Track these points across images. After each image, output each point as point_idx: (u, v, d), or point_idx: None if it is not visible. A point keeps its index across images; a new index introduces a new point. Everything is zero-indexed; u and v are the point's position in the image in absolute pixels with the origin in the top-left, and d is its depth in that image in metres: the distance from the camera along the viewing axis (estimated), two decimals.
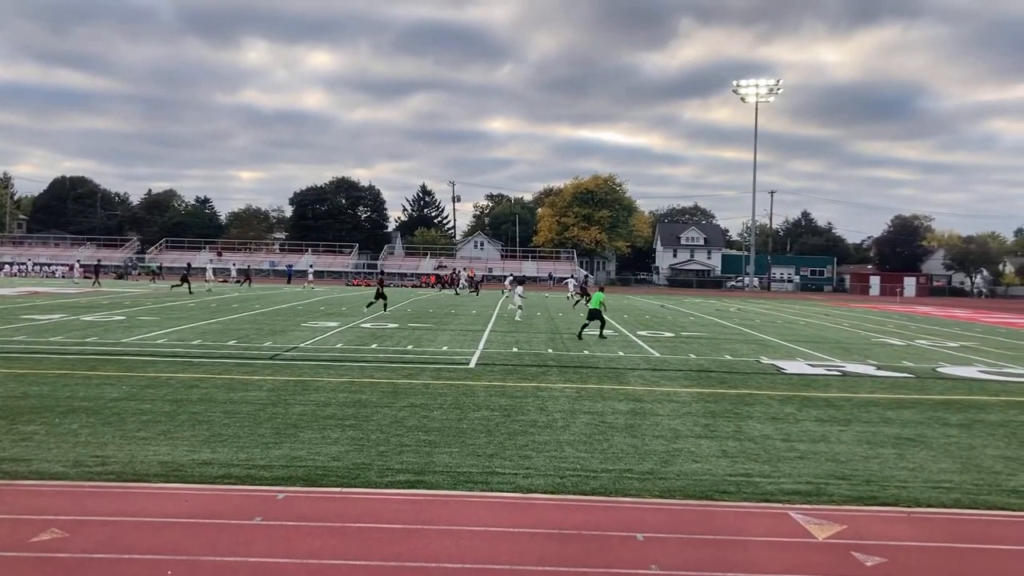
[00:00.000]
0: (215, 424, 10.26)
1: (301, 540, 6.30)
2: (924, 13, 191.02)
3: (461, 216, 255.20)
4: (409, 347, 19.80)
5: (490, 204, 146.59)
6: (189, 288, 44.07)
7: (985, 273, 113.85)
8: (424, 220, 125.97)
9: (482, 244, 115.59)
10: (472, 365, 16.82)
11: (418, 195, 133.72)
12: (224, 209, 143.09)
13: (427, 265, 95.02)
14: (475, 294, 53.50)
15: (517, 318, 30.22)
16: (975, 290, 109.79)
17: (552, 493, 7.70)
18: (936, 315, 46.46)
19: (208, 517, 6.77)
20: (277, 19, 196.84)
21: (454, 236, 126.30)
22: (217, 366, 15.54)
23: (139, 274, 59.86)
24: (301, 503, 7.23)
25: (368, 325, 25.95)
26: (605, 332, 24.03)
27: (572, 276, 64.27)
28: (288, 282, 68.69)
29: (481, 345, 20.79)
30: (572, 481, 8.11)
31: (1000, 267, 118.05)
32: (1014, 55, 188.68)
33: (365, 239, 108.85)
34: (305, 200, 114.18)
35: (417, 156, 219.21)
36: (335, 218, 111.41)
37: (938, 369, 18.73)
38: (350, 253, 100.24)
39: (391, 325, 26.19)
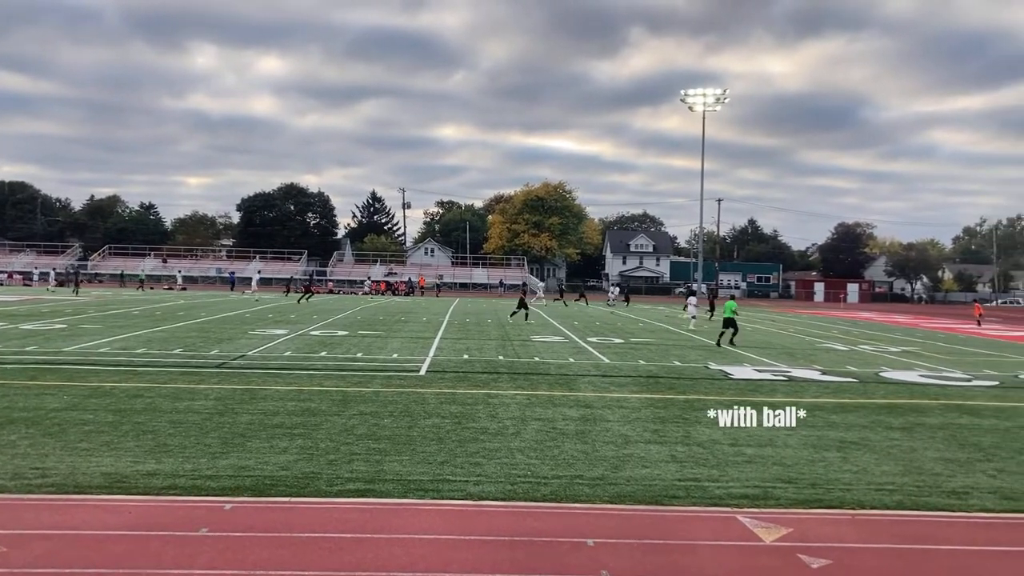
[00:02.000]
0: (160, 434, 10.06)
1: (249, 551, 6.21)
2: (867, 26, 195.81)
3: (411, 223, 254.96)
4: (359, 355, 19.65)
5: (441, 211, 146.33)
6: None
7: (925, 279, 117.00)
8: (374, 227, 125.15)
9: (433, 251, 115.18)
10: (423, 372, 16.74)
11: (368, 202, 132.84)
12: (170, 215, 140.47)
13: (377, 272, 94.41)
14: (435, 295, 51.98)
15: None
16: (915, 296, 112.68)
17: (503, 500, 7.70)
18: (878, 320, 47.52)
19: (153, 529, 6.63)
20: (226, 24, 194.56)
21: (404, 243, 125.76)
22: (162, 375, 15.25)
23: (80, 282, 58.54)
24: (249, 513, 7.13)
25: (317, 333, 25.69)
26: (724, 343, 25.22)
27: (615, 285, 66.66)
28: (231, 288, 67.83)
29: (432, 352, 20.71)
30: (523, 488, 8.12)
31: (939, 273, 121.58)
32: (952, 68, 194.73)
33: (314, 246, 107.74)
34: (253, 206, 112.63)
35: (367, 163, 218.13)
36: (283, 224, 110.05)
37: (880, 373, 19.15)
38: (299, 260, 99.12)
39: (341, 333, 25.96)
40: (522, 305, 36.13)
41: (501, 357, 20.01)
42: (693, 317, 36.04)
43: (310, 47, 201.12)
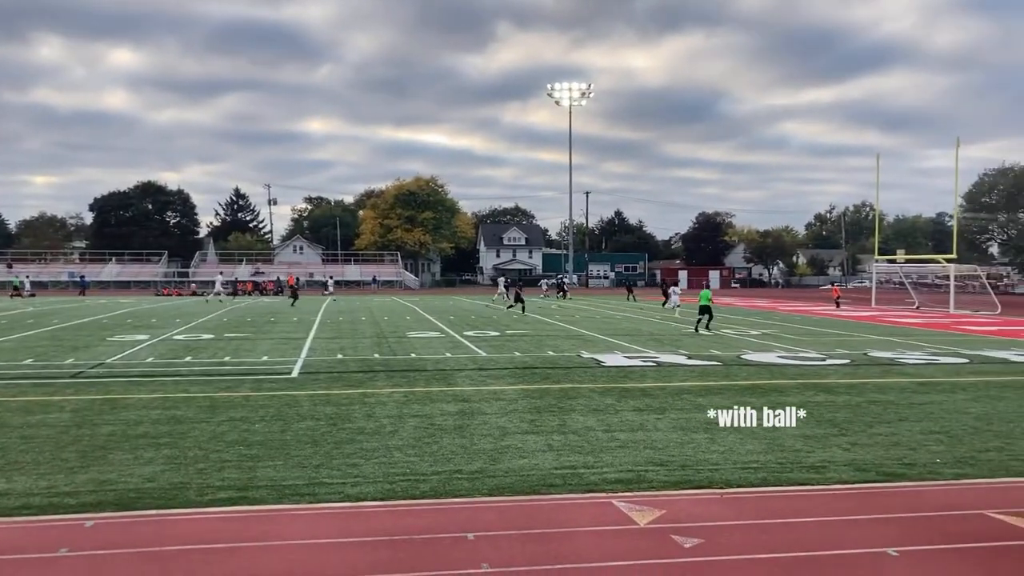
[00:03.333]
0: (10, 451, 9.43)
1: (114, 569, 5.91)
2: (724, 22, 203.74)
3: (279, 220, 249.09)
4: (227, 358, 19.02)
5: (309, 207, 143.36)
6: None
7: (781, 265, 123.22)
8: (239, 224, 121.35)
9: (302, 248, 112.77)
10: (295, 374, 16.36)
11: (232, 199, 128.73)
12: (14, 217, 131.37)
13: (243, 272, 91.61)
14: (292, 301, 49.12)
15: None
16: (773, 281, 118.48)
17: (382, 500, 7.62)
18: (739, 305, 49.65)
19: (6, 552, 6.22)
20: (72, 14, 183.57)
21: (271, 241, 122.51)
22: (11, 388, 14.30)
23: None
24: (113, 529, 6.78)
25: (181, 337, 24.71)
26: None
27: (556, 277, 67.01)
28: (82, 294, 64.24)
29: (304, 353, 20.27)
30: (402, 486, 8.05)
31: (794, 259, 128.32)
32: (802, 62, 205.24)
33: (175, 246, 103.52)
34: (107, 206, 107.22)
35: (230, 158, 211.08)
36: (141, 225, 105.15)
37: (742, 356, 20.02)
38: (159, 261, 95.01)
39: (206, 336, 25.05)
40: (519, 299, 38.70)
41: (376, 355, 19.80)
42: (677, 306, 37.80)
43: (166, 39, 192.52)
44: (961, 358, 19.88)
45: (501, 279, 55.52)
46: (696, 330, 27.12)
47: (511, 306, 38.95)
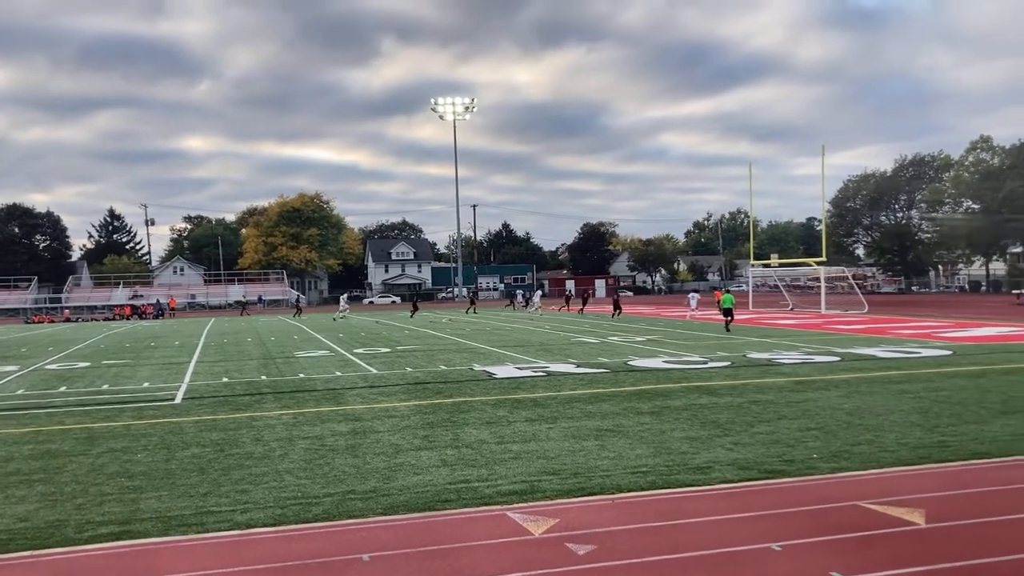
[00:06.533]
0: None
1: None
2: (604, 37, 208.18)
3: (157, 240, 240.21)
4: (104, 386, 18.21)
5: (189, 226, 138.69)
6: None
7: (663, 271, 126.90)
8: (114, 247, 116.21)
9: (182, 269, 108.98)
10: (178, 400, 15.82)
11: (106, 220, 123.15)
12: None
13: (120, 296, 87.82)
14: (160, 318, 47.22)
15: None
16: (656, 287, 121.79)
17: (273, 525, 7.46)
18: (625, 312, 50.77)
19: None
20: None
21: (150, 262, 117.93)
22: None
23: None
24: None
25: (54, 366, 23.51)
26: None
27: (530, 292, 68.89)
28: None
29: (187, 378, 19.61)
30: (294, 510, 7.91)
31: (675, 265, 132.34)
32: (679, 76, 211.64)
33: (45, 271, 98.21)
34: None
35: (104, 178, 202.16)
36: (7, 249, 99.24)
37: (629, 362, 20.51)
38: (28, 287, 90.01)
39: (82, 364, 23.92)
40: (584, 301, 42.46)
41: (264, 377, 19.34)
42: (693, 309, 42.02)
43: (33, 55, 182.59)
44: (833, 356, 20.94)
45: (343, 296, 56.97)
46: (727, 328, 31.08)
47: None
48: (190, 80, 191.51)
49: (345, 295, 63.05)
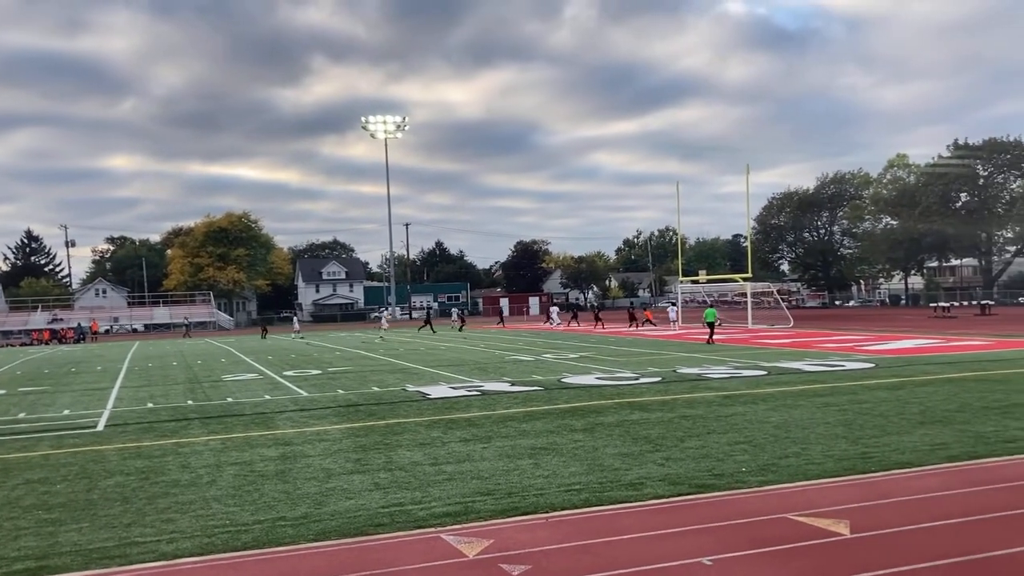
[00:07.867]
0: None
1: None
2: (535, 57, 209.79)
3: (78, 262, 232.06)
4: (21, 415, 17.53)
5: (112, 248, 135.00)
6: None
7: (595, 288, 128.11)
8: (32, 269, 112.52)
9: (105, 291, 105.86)
10: (100, 428, 15.31)
11: (23, 241, 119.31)
12: None
13: (39, 319, 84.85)
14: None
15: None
16: (588, 304, 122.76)
17: (200, 555, 7.26)
18: (559, 330, 51.08)
19: None
20: None
21: (70, 285, 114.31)
22: None
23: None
24: None
25: None
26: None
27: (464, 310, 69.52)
28: None
29: (110, 404, 19.01)
30: (222, 539, 7.71)
31: (607, 282, 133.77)
32: (609, 96, 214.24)
33: None
34: None
35: (21, 198, 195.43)
36: None
37: (562, 380, 20.61)
38: None
39: None
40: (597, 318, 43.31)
41: (190, 402, 18.86)
42: (558, 324, 41.55)
43: None
44: (760, 370, 21.38)
45: (383, 311, 57.68)
46: (709, 341, 32.76)
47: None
48: (114, 98, 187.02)
49: (295, 316, 62.44)
